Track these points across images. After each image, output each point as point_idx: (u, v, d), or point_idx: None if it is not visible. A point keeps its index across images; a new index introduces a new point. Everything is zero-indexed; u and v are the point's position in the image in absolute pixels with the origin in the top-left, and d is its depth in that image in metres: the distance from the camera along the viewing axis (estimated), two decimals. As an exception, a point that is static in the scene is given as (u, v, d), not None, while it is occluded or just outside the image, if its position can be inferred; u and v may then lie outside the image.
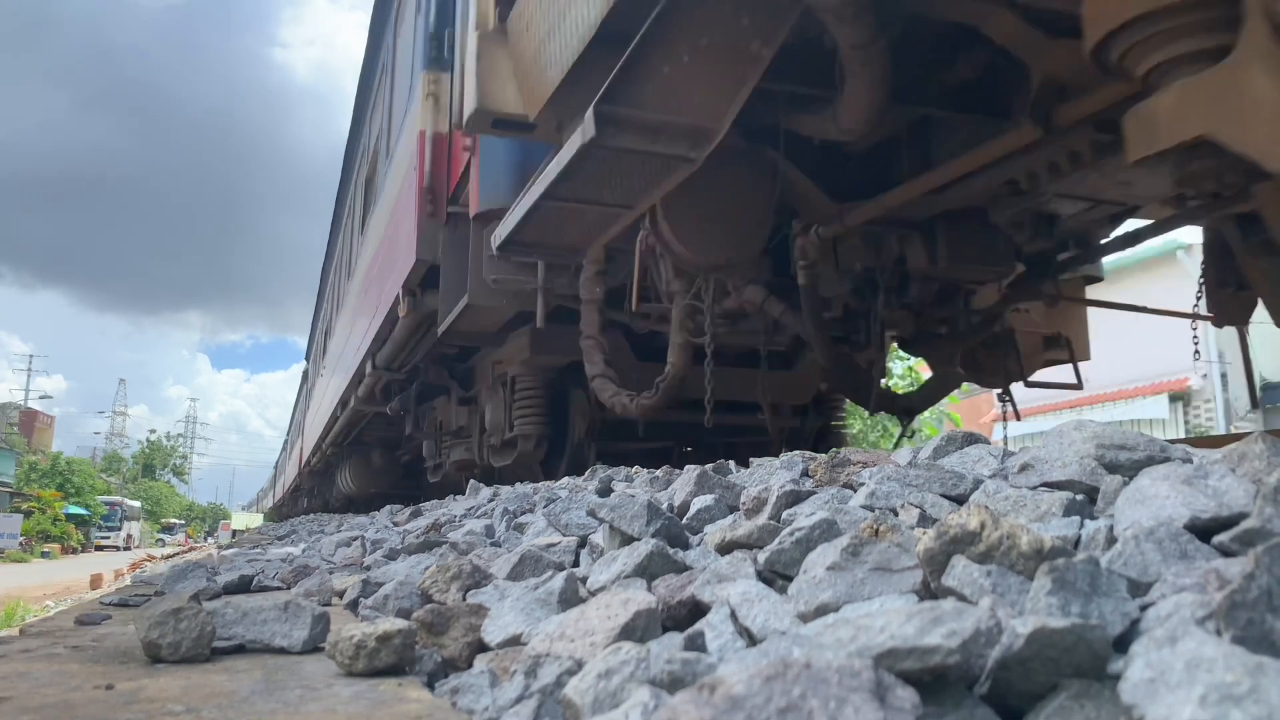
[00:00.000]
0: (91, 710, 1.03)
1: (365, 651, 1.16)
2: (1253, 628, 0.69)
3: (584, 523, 1.98)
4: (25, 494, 40.31)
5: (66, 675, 1.23)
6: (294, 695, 1.08)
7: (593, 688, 0.84)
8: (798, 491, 1.58)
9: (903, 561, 1.04)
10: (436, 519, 3.33)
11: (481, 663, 1.18)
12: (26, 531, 34.28)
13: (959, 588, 0.89)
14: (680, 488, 1.98)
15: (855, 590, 1.01)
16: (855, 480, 1.69)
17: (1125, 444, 1.36)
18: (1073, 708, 0.67)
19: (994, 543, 0.92)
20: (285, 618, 1.40)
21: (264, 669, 1.24)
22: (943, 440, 1.82)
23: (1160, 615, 0.78)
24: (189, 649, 1.29)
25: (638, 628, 1.06)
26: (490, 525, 2.66)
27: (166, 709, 1.02)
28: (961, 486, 1.45)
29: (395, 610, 1.61)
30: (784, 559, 1.21)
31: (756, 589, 1.05)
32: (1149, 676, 0.61)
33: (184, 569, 2.32)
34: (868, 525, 1.15)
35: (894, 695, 0.63)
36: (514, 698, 0.96)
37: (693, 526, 1.72)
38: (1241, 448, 1.15)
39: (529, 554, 1.74)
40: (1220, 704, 0.56)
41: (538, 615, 1.28)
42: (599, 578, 1.43)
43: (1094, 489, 1.25)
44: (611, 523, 1.64)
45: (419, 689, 1.10)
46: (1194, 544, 0.93)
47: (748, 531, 1.38)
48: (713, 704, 0.62)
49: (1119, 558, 0.92)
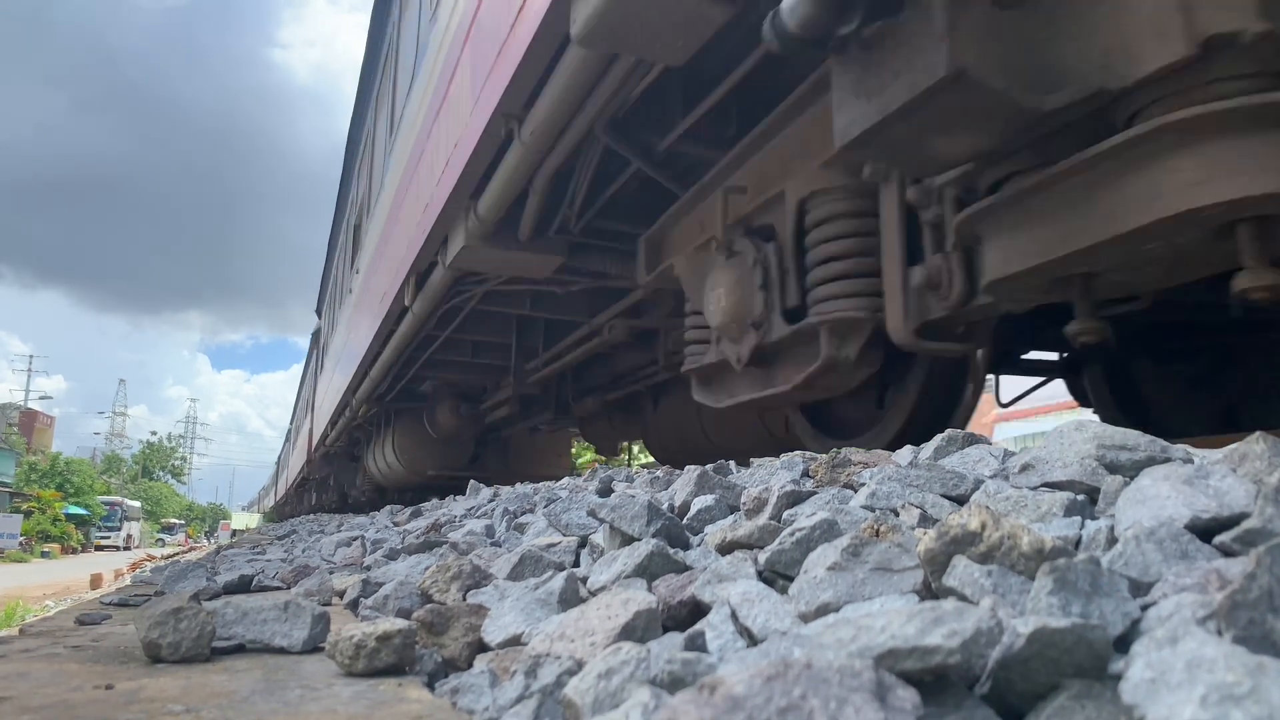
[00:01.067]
0: (91, 710, 1.02)
1: (365, 651, 1.16)
2: (1254, 628, 0.69)
3: (584, 523, 1.98)
4: (25, 494, 40.31)
5: (66, 675, 1.23)
6: (294, 695, 1.08)
7: (593, 688, 0.84)
8: (798, 492, 1.58)
9: (903, 562, 1.04)
10: (436, 519, 3.33)
11: (482, 663, 1.18)
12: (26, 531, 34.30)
13: (960, 588, 0.89)
14: (680, 488, 1.98)
15: (856, 590, 1.01)
16: (856, 480, 1.69)
17: (1126, 444, 1.36)
18: (1074, 708, 0.67)
19: (995, 543, 0.92)
20: (285, 617, 1.40)
21: (264, 669, 1.24)
22: (943, 440, 1.81)
23: (1161, 615, 0.78)
24: (189, 649, 1.29)
25: (638, 628, 1.06)
26: (490, 525, 2.66)
27: (166, 709, 1.02)
28: (962, 487, 1.45)
29: (395, 610, 1.61)
30: (784, 559, 1.21)
31: (757, 589, 1.05)
32: (1150, 676, 0.61)
33: (184, 569, 2.32)
34: (868, 525, 1.15)
35: (895, 695, 0.63)
36: (514, 698, 0.96)
37: (693, 526, 1.72)
38: (1242, 448, 1.15)
39: (529, 554, 1.74)
40: (1221, 704, 0.56)
41: (538, 615, 1.28)
42: (599, 578, 1.43)
43: (1095, 489, 1.25)
44: (612, 523, 1.64)
45: (419, 689, 1.10)
46: (1195, 544, 0.93)
47: (748, 531, 1.38)
48: (713, 704, 0.62)
49: (1120, 558, 0.92)
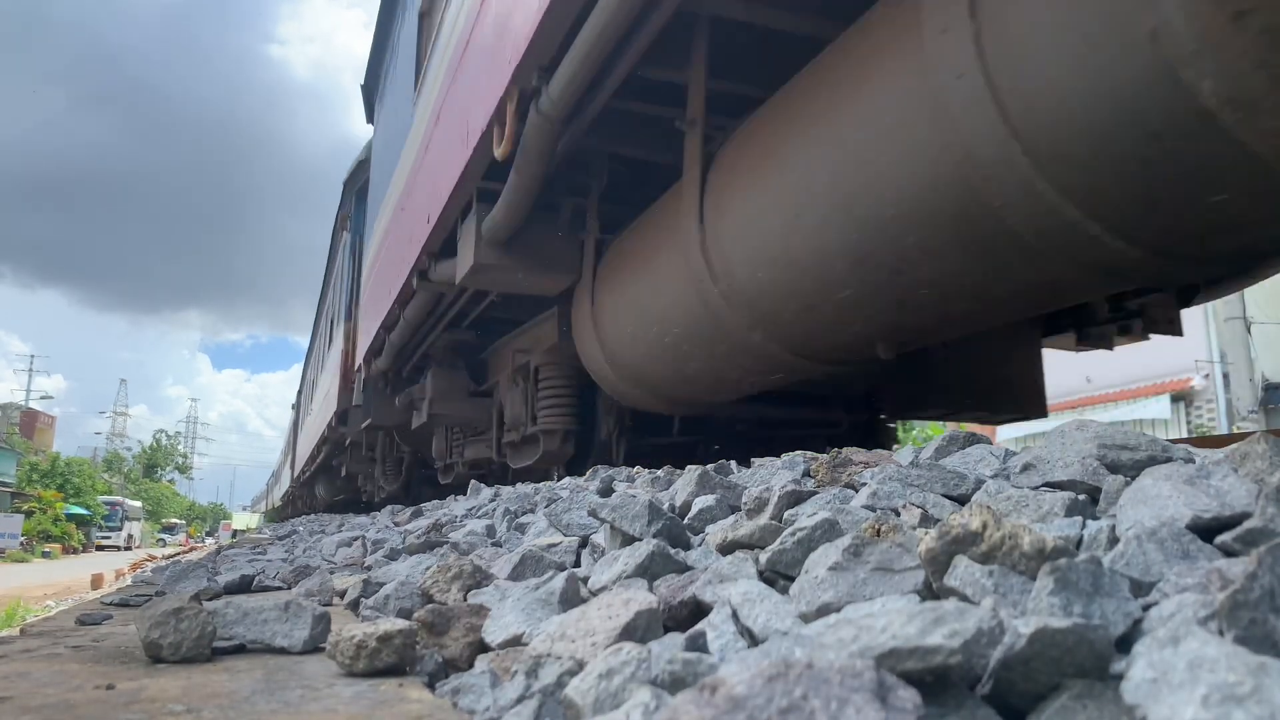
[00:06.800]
0: (92, 710, 1.02)
1: (366, 651, 1.16)
2: (1255, 628, 0.69)
3: (585, 523, 1.98)
4: (26, 494, 40.32)
5: (67, 675, 1.23)
6: (295, 695, 1.08)
7: (594, 688, 0.84)
8: (799, 492, 1.58)
9: (905, 562, 1.04)
10: (437, 519, 3.33)
11: (482, 663, 1.18)
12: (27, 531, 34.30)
13: (961, 588, 0.89)
14: (682, 488, 1.98)
15: (857, 590, 1.01)
16: (857, 480, 1.69)
17: (1127, 444, 1.36)
18: (1075, 708, 0.67)
19: (996, 543, 0.91)
20: (286, 618, 1.40)
21: (265, 669, 1.24)
22: (945, 440, 1.81)
23: (1162, 615, 0.78)
24: (190, 649, 1.29)
25: (639, 628, 1.06)
26: (491, 525, 2.66)
27: (167, 709, 1.02)
28: (963, 486, 1.45)
29: (396, 610, 1.61)
30: (786, 559, 1.21)
31: (758, 589, 1.05)
32: (1151, 676, 0.61)
33: (185, 569, 2.32)
34: (869, 525, 1.15)
35: (896, 696, 0.63)
36: (515, 698, 0.96)
37: (694, 526, 1.72)
38: (1244, 448, 1.15)
39: (530, 554, 1.74)
40: (1223, 704, 0.56)
41: (539, 615, 1.27)
42: (600, 578, 1.42)
43: (1096, 489, 1.25)
44: (613, 523, 1.64)
45: (420, 689, 1.10)
46: (1196, 544, 0.93)
47: (749, 531, 1.38)
48: (714, 704, 0.62)
49: (1121, 558, 0.92)
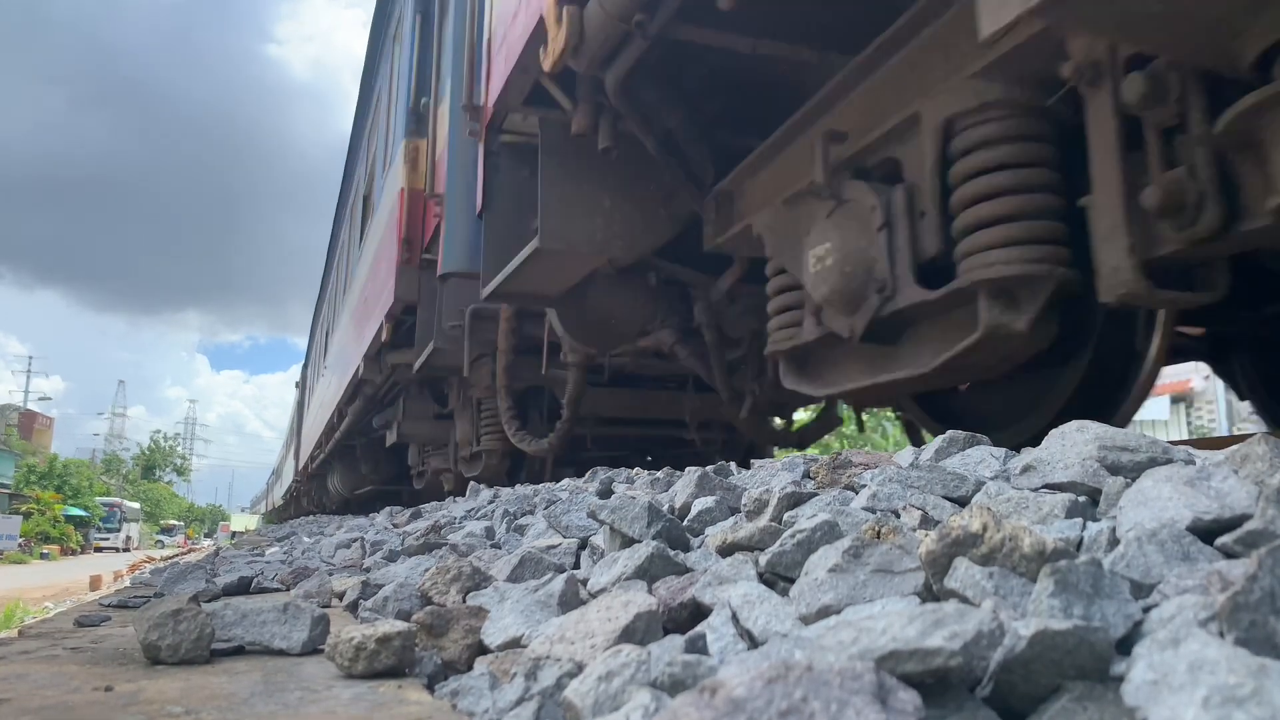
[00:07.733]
0: (91, 712, 1.02)
1: (365, 653, 1.16)
2: (1255, 630, 0.68)
3: (584, 524, 1.98)
4: (24, 495, 40.28)
5: (66, 677, 1.23)
6: (293, 697, 1.07)
7: (593, 690, 0.83)
8: (799, 493, 1.58)
9: (904, 564, 1.04)
10: (436, 521, 3.33)
11: (482, 665, 1.17)
12: (26, 533, 34.27)
13: (961, 590, 0.89)
14: (681, 489, 1.97)
15: (857, 592, 1.01)
16: (857, 482, 1.69)
17: (1127, 445, 1.35)
18: (1075, 710, 0.67)
19: (996, 544, 0.91)
20: (285, 619, 1.39)
21: (263, 671, 1.23)
22: (945, 442, 1.81)
23: (1163, 617, 0.77)
24: (188, 651, 1.28)
25: (638, 630, 1.05)
26: (490, 527, 2.66)
27: (166, 711, 1.02)
28: (963, 488, 1.45)
29: (395, 612, 1.61)
30: (785, 561, 1.21)
31: (758, 591, 1.05)
32: (1152, 678, 0.61)
33: (183, 570, 2.32)
34: (869, 527, 1.15)
35: (896, 698, 0.63)
36: (514, 700, 0.96)
37: (694, 528, 1.72)
38: (1244, 449, 1.15)
39: (529, 556, 1.74)
40: (1223, 706, 0.56)
41: (538, 617, 1.27)
42: (599, 580, 1.42)
43: (1096, 490, 1.25)
44: (612, 524, 1.64)
45: (419, 691, 1.10)
46: (1197, 546, 0.93)
47: (749, 533, 1.38)
48: (714, 706, 0.62)
49: (1121, 559, 0.92)
